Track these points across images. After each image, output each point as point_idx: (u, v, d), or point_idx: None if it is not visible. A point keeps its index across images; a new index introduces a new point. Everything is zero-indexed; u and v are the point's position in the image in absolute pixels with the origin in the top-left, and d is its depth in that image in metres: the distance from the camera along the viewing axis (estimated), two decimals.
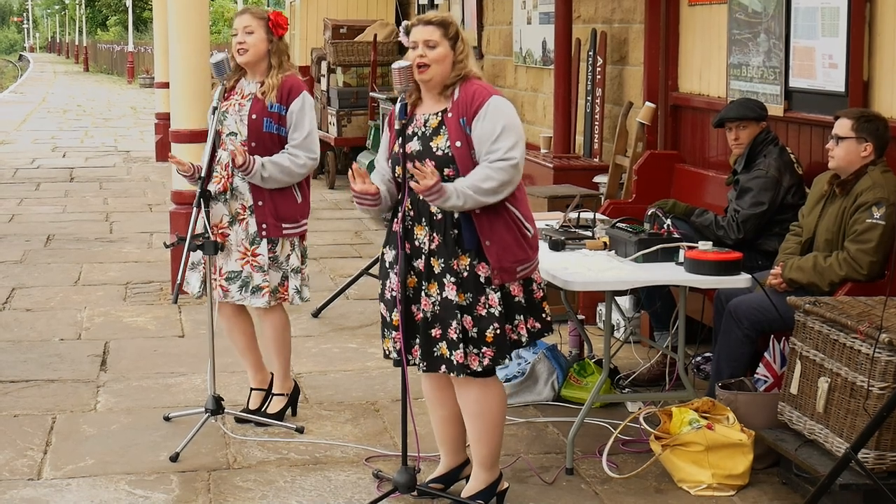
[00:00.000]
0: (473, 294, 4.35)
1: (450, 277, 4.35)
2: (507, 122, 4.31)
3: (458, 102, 4.36)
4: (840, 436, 4.42)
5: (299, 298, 5.47)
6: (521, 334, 4.44)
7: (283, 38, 5.44)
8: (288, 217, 5.38)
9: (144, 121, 23.99)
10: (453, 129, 4.33)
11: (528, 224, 4.42)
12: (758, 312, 5.22)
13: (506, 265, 4.34)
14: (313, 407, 5.85)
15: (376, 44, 13.40)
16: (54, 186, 14.23)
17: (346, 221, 11.55)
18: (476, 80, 4.42)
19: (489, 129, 4.29)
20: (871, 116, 5.29)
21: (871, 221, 5.12)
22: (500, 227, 4.34)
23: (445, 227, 4.36)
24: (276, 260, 5.41)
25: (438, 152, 4.34)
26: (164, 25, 11.89)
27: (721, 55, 7.15)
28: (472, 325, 4.36)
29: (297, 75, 5.51)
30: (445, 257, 4.36)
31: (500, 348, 4.38)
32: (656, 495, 4.76)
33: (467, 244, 4.34)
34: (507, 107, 4.36)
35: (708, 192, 6.99)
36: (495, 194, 4.27)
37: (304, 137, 5.35)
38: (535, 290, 4.47)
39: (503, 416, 4.55)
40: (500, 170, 4.25)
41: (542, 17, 10.09)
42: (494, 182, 4.24)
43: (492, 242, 4.33)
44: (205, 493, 4.77)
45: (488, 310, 4.36)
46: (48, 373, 6.41)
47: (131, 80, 46.21)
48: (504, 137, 4.28)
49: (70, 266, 9.27)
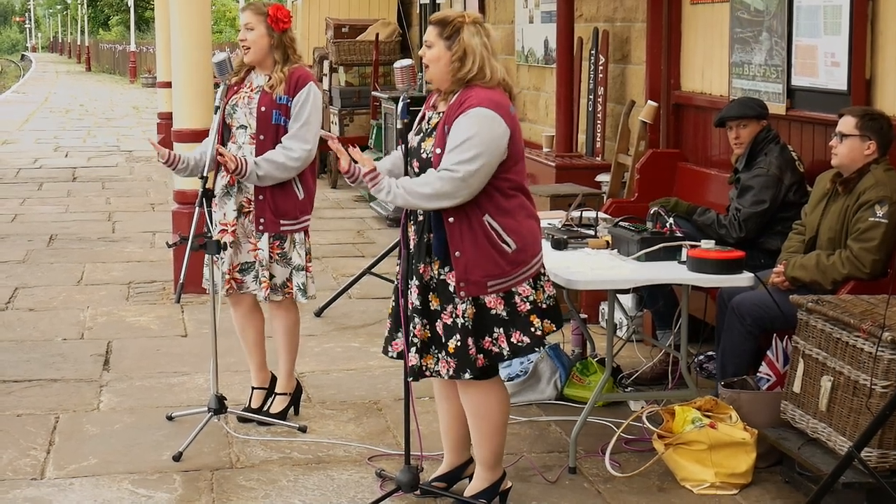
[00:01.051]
0: (442, 301, 4.30)
1: (414, 280, 4.32)
2: (475, 134, 4.12)
3: (451, 107, 4.25)
4: (843, 434, 4.42)
5: (302, 296, 5.46)
6: (501, 347, 4.32)
7: (286, 31, 5.39)
8: (287, 213, 5.38)
9: (147, 120, 24.00)
10: (440, 134, 4.25)
11: (511, 238, 4.26)
12: (760, 309, 5.22)
13: (473, 278, 4.23)
14: (316, 406, 5.85)
15: (378, 43, 13.40)
16: (57, 186, 14.24)
17: (348, 221, 11.55)
18: (483, 87, 4.23)
19: (455, 135, 4.16)
20: (875, 115, 5.29)
21: (874, 220, 5.11)
22: (473, 239, 4.22)
23: (423, 229, 4.31)
24: (285, 256, 5.42)
25: (424, 154, 4.30)
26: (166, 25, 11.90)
27: (723, 53, 7.15)
28: (442, 331, 4.32)
29: (306, 67, 5.49)
30: (416, 260, 4.32)
31: (462, 361, 4.28)
32: (659, 494, 4.76)
33: (435, 251, 4.27)
34: (486, 121, 4.15)
35: (710, 191, 6.98)
36: (429, 200, 4.15)
37: (300, 127, 5.29)
38: (518, 303, 4.31)
39: (505, 417, 4.53)
40: (440, 178, 4.13)
41: (544, 15, 10.09)
42: (430, 189, 4.13)
43: (461, 253, 4.23)
44: (207, 493, 4.77)
45: (454, 320, 4.28)
46: (51, 372, 6.41)
47: (133, 80, 46.23)
48: (463, 149, 4.12)
49: (73, 266, 9.28)
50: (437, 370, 4.37)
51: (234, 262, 5.43)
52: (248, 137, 5.36)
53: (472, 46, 4.24)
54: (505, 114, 4.22)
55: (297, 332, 5.61)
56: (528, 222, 4.33)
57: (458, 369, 4.30)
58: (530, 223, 4.35)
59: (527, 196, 4.37)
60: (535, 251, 4.35)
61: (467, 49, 4.24)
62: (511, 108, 4.28)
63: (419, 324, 4.33)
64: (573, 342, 6.30)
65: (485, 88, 4.24)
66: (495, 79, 4.27)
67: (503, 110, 4.22)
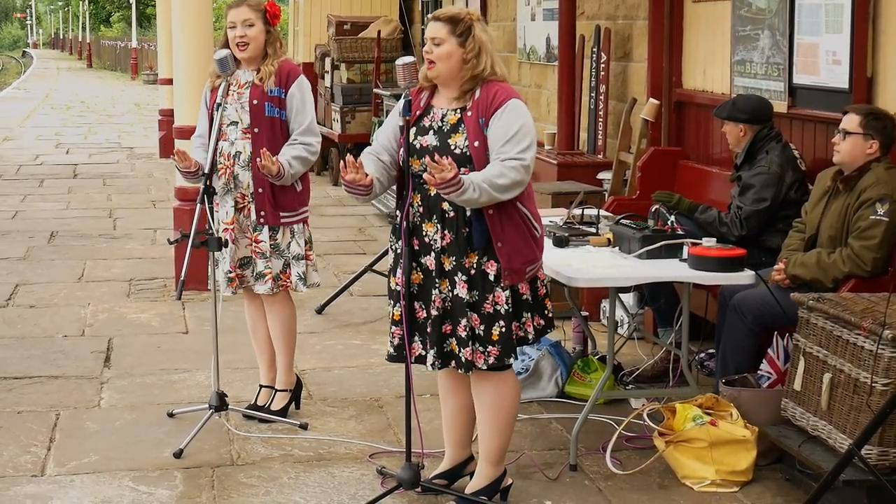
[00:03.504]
0: (480, 292, 4.35)
1: (461, 275, 4.35)
2: (523, 124, 4.29)
3: (478, 102, 4.33)
4: (843, 432, 4.42)
5: (303, 285, 5.46)
6: (527, 331, 4.44)
7: (277, 25, 5.48)
8: (286, 205, 5.40)
9: (148, 117, 23.99)
10: (472, 128, 4.31)
11: (537, 223, 4.42)
12: (761, 307, 5.22)
13: (516, 266, 4.34)
14: (317, 403, 5.86)
15: (380, 40, 13.40)
16: (58, 183, 14.24)
17: (349, 218, 11.55)
18: (498, 82, 4.37)
19: (505, 128, 4.27)
20: (879, 114, 5.29)
21: (875, 218, 5.11)
22: (512, 227, 4.33)
23: (458, 224, 4.34)
24: (278, 247, 5.43)
25: (456, 150, 4.33)
26: (167, 21, 11.90)
27: (725, 52, 7.15)
28: (478, 322, 4.36)
29: (290, 59, 5.57)
30: (457, 255, 4.35)
31: (506, 347, 4.37)
32: (660, 491, 4.77)
33: (476, 243, 4.32)
34: (525, 110, 4.34)
35: (711, 189, 6.99)
36: (507, 191, 4.25)
37: (310, 121, 5.40)
38: (539, 287, 4.47)
39: (516, 411, 4.57)
40: (512, 168, 4.23)
41: (546, 13, 10.09)
42: (507, 180, 4.22)
43: (503, 243, 4.32)
44: (208, 490, 4.78)
45: (495, 307, 4.35)
46: (52, 369, 6.41)
47: (135, 77, 46.22)
48: (518, 138, 4.26)
49: (74, 263, 9.28)
50: (464, 363, 4.39)
51: (234, 259, 5.44)
52: (240, 133, 5.37)
53: (484, 43, 4.36)
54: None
55: (293, 325, 5.61)
56: (537, 208, 4.51)
57: (503, 355, 4.38)
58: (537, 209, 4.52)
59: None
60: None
61: (482, 46, 4.35)
62: None
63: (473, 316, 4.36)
64: (574, 340, 6.30)
65: (499, 82, 4.38)
66: (502, 73, 4.42)
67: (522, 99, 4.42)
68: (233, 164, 5.38)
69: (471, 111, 4.33)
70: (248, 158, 5.35)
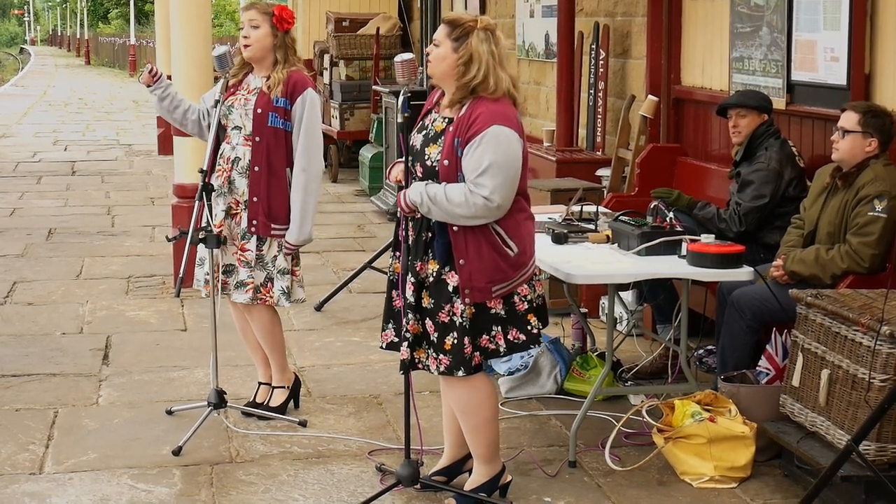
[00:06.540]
0: (436, 300, 4.29)
1: (410, 277, 4.31)
2: (497, 159, 4.10)
3: (461, 119, 4.20)
4: (841, 428, 4.42)
5: (287, 300, 5.42)
6: (499, 344, 4.34)
7: (289, 32, 5.41)
8: (279, 218, 5.36)
9: (146, 114, 23.95)
10: (447, 145, 4.21)
11: (514, 242, 4.26)
12: (760, 303, 5.23)
13: (478, 285, 4.23)
14: (316, 400, 5.86)
15: (379, 37, 13.39)
16: (56, 180, 14.24)
17: (349, 215, 11.55)
18: (492, 100, 4.19)
19: (476, 160, 4.12)
20: (878, 112, 5.29)
21: (873, 214, 5.12)
22: (478, 247, 4.21)
23: (420, 227, 4.31)
24: (262, 259, 5.39)
25: (428, 161, 4.27)
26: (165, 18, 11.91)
27: (723, 48, 7.15)
28: (433, 329, 4.31)
29: (304, 70, 5.48)
30: (413, 256, 4.31)
31: (456, 358, 4.28)
32: (659, 488, 4.77)
33: (437, 255, 4.26)
34: (505, 140, 4.13)
35: (710, 185, 6.99)
36: (467, 221, 4.17)
37: (311, 140, 5.35)
38: (517, 302, 4.33)
39: (493, 412, 4.49)
40: (476, 205, 4.12)
41: (545, 10, 10.09)
42: (467, 212, 4.13)
43: (466, 262, 4.21)
44: (207, 487, 4.78)
45: (451, 318, 4.27)
46: (50, 367, 6.41)
47: (133, 74, 46.18)
48: (489, 175, 4.10)
49: (72, 260, 9.28)
50: (427, 364, 4.38)
51: (218, 263, 5.39)
52: (241, 139, 5.36)
53: (478, 53, 4.20)
54: (516, 126, 4.21)
55: (275, 328, 5.55)
56: (526, 224, 4.34)
57: (452, 367, 4.30)
58: (528, 225, 4.36)
59: (525, 197, 4.36)
60: (532, 252, 4.37)
61: (473, 54, 4.20)
62: (518, 116, 4.27)
63: (412, 319, 4.33)
64: (573, 336, 6.31)
65: (492, 101, 4.20)
66: (501, 89, 4.23)
67: (514, 123, 4.20)
68: (230, 169, 5.36)
69: (453, 126, 4.22)
70: (246, 165, 5.33)
